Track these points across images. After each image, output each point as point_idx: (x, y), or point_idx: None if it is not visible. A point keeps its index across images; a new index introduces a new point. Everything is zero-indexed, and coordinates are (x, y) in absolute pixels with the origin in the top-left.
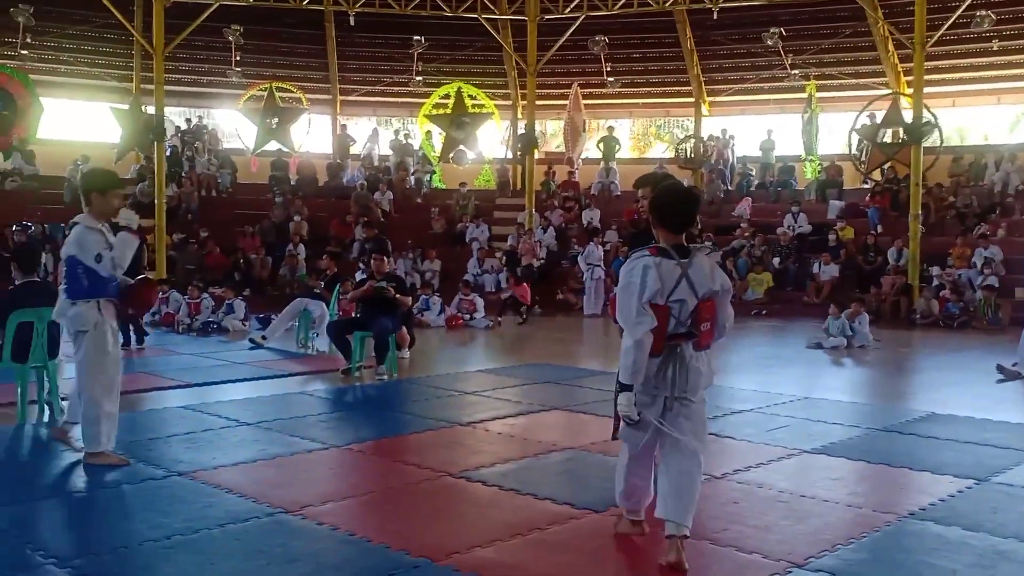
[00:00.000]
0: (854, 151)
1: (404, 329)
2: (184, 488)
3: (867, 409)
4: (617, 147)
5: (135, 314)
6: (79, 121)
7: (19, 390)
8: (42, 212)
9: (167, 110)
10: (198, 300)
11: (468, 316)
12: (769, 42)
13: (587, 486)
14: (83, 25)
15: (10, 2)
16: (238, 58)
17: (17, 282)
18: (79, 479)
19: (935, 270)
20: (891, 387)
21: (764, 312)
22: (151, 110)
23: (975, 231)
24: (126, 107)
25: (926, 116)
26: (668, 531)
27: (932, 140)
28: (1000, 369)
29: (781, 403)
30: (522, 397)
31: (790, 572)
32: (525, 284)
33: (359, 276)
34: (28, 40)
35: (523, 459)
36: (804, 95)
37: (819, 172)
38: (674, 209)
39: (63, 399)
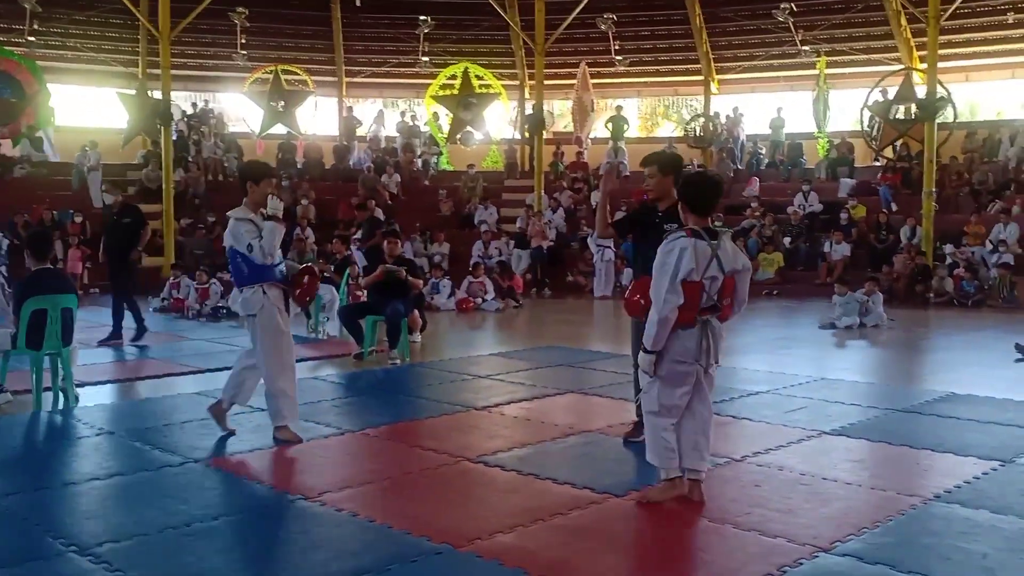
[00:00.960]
0: (865, 128)
1: (416, 312)
2: (201, 475)
3: (885, 390)
4: (626, 127)
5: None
6: (86, 107)
7: (34, 377)
8: (50, 199)
9: (173, 95)
10: (206, 285)
11: (480, 300)
12: (780, 18)
13: (606, 470)
14: (89, 11)
15: None
16: (243, 41)
17: (32, 269)
18: (97, 467)
19: (949, 248)
20: (908, 367)
21: (776, 292)
22: (157, 95)
23: (990, 208)
24: (132, 92)
25: (939, 92)
26: (699, 475)
27: (945, 116)
28: (1019, 348)
29: (797, 384)
30: (536, 380)
31: (816, 556)
32: (517, 277)
33: (356, 255)
34: (35, 27)
35: (540, 443)
36: (815, 72)
37: (828, 150)
38: (704, 194)
39: (77, 386)
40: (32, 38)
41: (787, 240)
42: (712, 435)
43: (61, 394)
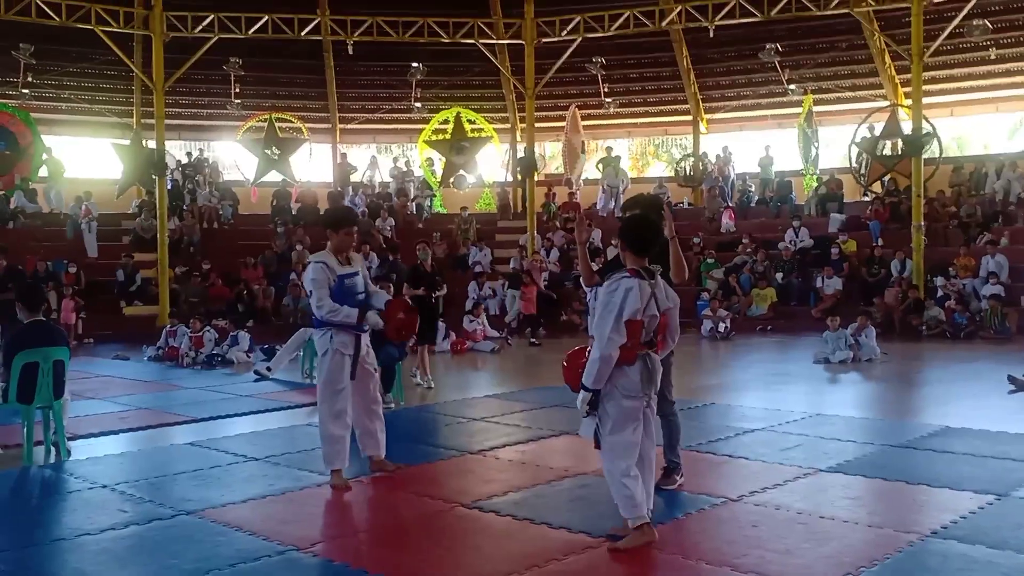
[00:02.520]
0: (854, 164)
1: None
2: (193, 527)
3: (880, 425)
4: (619, 168)
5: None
6: (81, 158)
7: (25, 431)
8: (44, 250)
9: (168, 144)
10: (200, 333)
11: (473, 341)
12: (766, 58)
13: (602, 513)
14: (83, 62)
15: (12, 42)
16: (238, 90)
17: (25, 321)
18: (87, 521)
19: (939, 280)
20: (902, 401)
21: (769, 328)
22: (152, 144)
23: (979, 240)
24: (127, 142)
25: (925, 127)
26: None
27: (931, 151)
28: (1012, 380)
29: (792, 421)
30: (531, 422)
31: None
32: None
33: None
34: (29, 79)
35: (535, 487)
36: (801, 110)
37: (815, 183)
38: (642, 235)
39: (69, 439)
40: (27, 90)
41: (779, 276)
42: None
43: (53, 448)
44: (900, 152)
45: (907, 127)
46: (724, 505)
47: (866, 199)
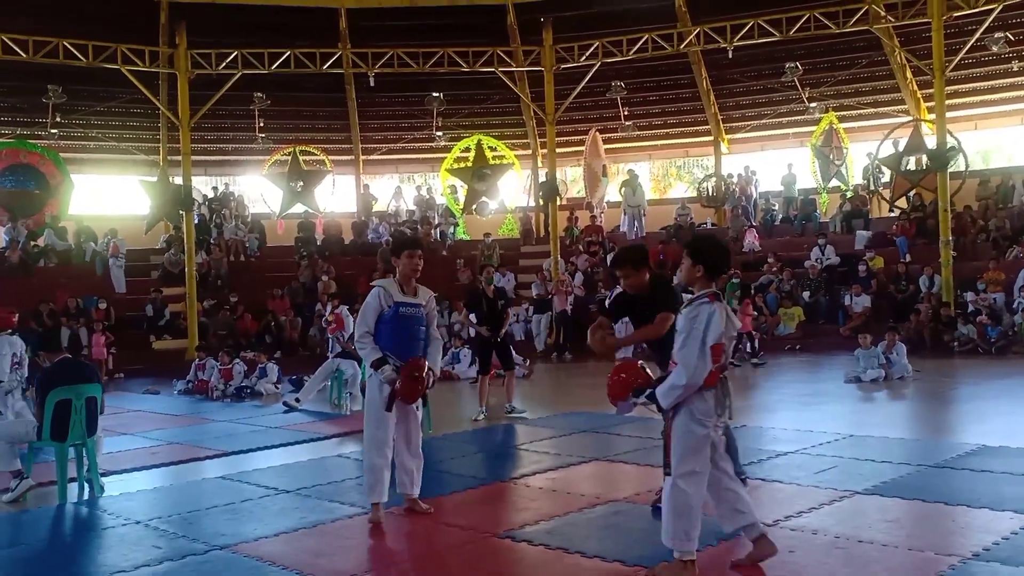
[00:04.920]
0: (871, 187)
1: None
2: (227, 563)
3: (915, 445)
4: (640, 189)
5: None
6: (109, 195)
7: (59, 469)
8: (74, 287)
9: (194, 179)
10: (229, 366)
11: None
12: (786, 77)
13: (636, 540)
14: (110, 101)
15: (41, 85)
16: (261, 124)
17: (57, 358)
18: (122, 558)
19: (969, 295)
20: (937, 420)
21: (798, 347)
22: (179, 180)
23: (1008, 254)
24: (154, 179)
25: (950, 141)
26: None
27: (956, 164)
28: None
29: (826, 442)
30: (560, 448)
31: None
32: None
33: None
34: (58, 119)
35: (567, 515)
36: (824, 127)
37: (842, 203)
38: (722, 257)
39: (102, 475)
40: (55, 130)
41: (806, 294)
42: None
43: (87, 484)
44: (925, 167)
45: (931, 142)
46: None
47: (893, 215)
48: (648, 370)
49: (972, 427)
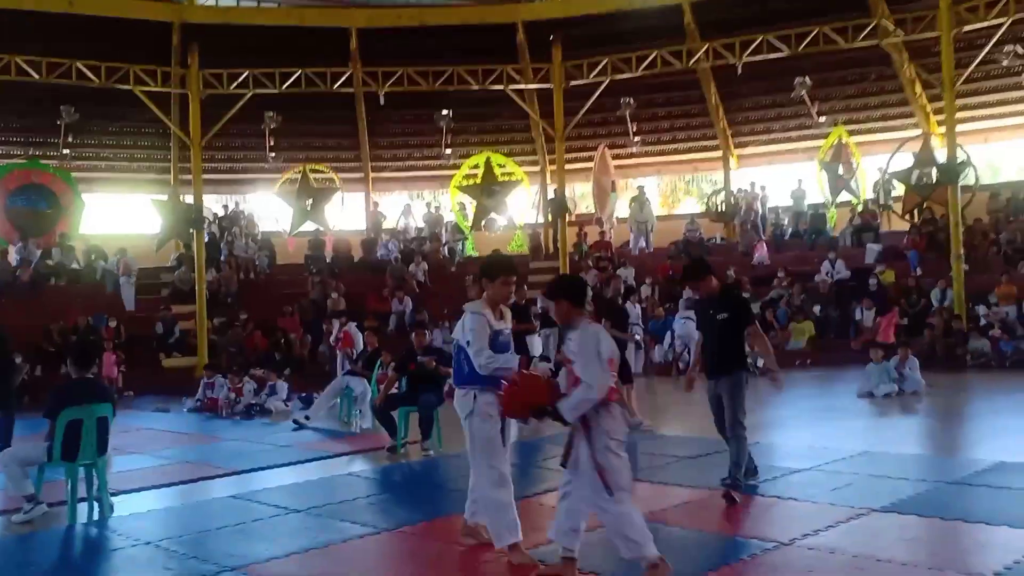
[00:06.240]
0: (880, 202)
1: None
2: None
3: (932, 461)
4: (649, 203)
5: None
6: (120, 214)
7: (69, 489)
8: (84, 305)
9: (204, 198)
10: (240, 384)
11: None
12: (795, 92)
13: None
14: (122, 121)
15: (54, 105)
16: (272, 143)
17: (73, 377)
18: None
19: (982, 309)
20: (952, 436)
21: (809, 362)
22: (189, 199)
23: (1020, 267)
24: (165, 198)
25: (960, 155)
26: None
27: (967, 178)
28: None
29: (841, 459)
30: None
31: None
32: None
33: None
34: (69, 139)
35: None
36: (833, 142)
37: (852, 218)
38: (576, 287)
39: (112, 495)
40: (67, 150)
41: (817, 308)
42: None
43: (96, 504)
44: (936, 181)
45: (941, 155)
46: (777, 550)
47: (903, 229)
48: (550, 386)
49: (989, 443)
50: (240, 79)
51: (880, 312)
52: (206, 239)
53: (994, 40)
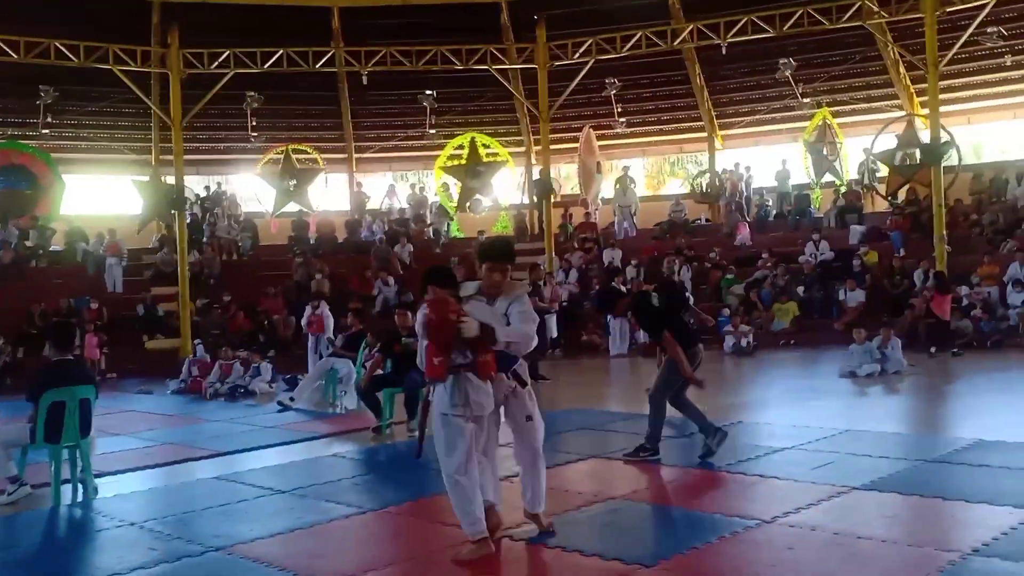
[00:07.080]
0: (865, 182)
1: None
2: (223, 564)
3: (912, 439)
4: (633, 185)
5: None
6: (101, 195)
7: (53, 471)
8: (66, 287)
9: (186, 178)
10: (231, 362)
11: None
12: (780, 73)
13: (634, 538)
14: (101, 102)
15: (32, 85)
16: (254, 123)
17: (53, 359)
18: (117, 561)
19: (964, 290)
20: (933, 414)
21: (792, 342)
22: (171, 180)
23: (1002, 248)
24: (146, 179)
25: (943, 136)
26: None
27: (950, 159)
28: None
29: (822, 438)
30: (556, 446)
31: None
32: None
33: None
34: (49, 119)
35: (565, 513)
36: (817, 123)
37: (835, 199)
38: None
39: (96, 476)
40: (47, 131)
41: (801, 289)
42: None
43: (80, 486)
44: (919, 161)
45: (924, 136)
46: (758, 527)
47: (886, 209)
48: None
49: (969, 422)
50: (221, 58)
51: (940, 291)
52: (188, 220)
53: (977, 21)
